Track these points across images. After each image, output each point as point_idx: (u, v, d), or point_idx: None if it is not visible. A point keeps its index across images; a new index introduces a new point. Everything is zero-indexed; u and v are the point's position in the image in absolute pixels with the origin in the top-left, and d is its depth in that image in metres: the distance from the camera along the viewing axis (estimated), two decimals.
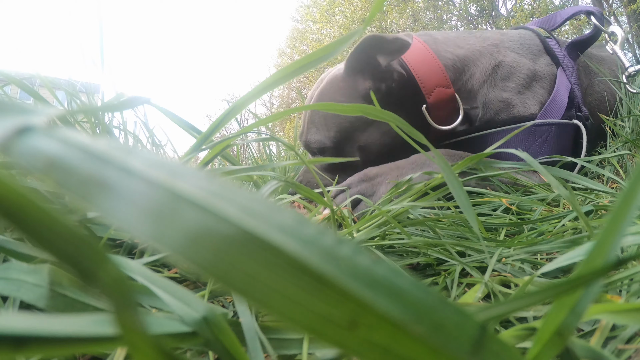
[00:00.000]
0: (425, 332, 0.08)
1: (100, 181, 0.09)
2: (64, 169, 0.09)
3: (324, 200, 0.36)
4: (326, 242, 0.08)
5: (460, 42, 0.81)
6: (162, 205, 0.08)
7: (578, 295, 0.13)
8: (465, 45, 0.81)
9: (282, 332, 0.20)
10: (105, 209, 0.08)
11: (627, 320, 0.16)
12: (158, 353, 0.09)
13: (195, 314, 0.16)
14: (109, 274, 0.08)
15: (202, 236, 0.08)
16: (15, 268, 0.17)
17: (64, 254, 0.08)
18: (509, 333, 0.19)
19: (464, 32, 0.87)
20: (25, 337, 0.09)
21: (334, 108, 0.29)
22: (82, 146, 0.09)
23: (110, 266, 0.08)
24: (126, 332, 0.09)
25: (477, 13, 9.26)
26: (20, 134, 0.10)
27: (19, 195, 0.08)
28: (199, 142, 0.34)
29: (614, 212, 0.12)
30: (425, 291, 0.08)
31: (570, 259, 0.27)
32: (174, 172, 0.09)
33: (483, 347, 0.09)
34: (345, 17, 10.24)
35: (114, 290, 0.08)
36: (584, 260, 0.12)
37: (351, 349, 0.09)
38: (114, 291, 0.08)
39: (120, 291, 0.08)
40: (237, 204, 0.09)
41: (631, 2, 6.15)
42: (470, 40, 0.82)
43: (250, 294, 0.08)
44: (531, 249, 0.35)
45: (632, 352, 0.20)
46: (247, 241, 0.08)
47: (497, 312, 0.11)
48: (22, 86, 0.45)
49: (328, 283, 0.08)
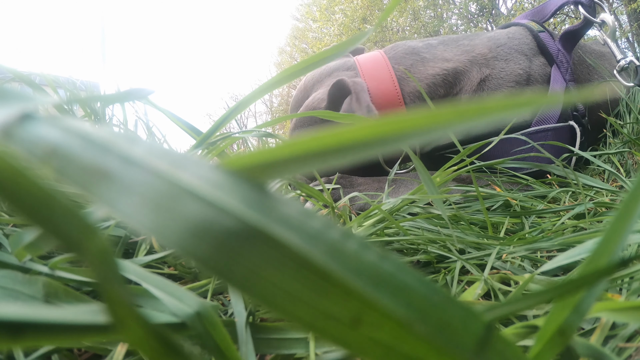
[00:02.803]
0: (430, 330, 0.08)
1: (100, 170, 0.08)
2: (65, 157, 0.09)
3: (324, 197, 0.36)
4: (331, 237, 0.08)
5: (447, 54, 0.80)
6: (162, 196, 0.08)
7: (580, 294, 0.13)
8: (454, 57, 0.80)
9: (282, 331, 0.20)
10: (105, 199, 0.08)
11: (627, 319, 0.16)
12: (148, 331, 0.09)
13: (187, 309, 0.16)
14: (94, 245, 0.08)
15: (203, 229, 0.08)
16: (11, 278, 0.17)
17: (50, 224, 0.08)
18: (509, 331, 0.19)
19: (450, 40, 0.85)
20: (23, 325, 0.09)
21: (331, 115, 0.31)
22: (84, 134, 0.09)
23: (95, 237, 0.08)
24: (111, 304, 0.08)
25: (477, 11, 9.25)
26: (21, 121, 0.09)
27: (6, 165, 0.08)
28: (201, 140, 0.34)
29: (620, 210, 0.11)
30: (431, 288, 0.08)
31: (570, 257, 0.27)
32: (176, 162, 0.09)
33: (488, 346, 0.08)
34: (345, 16, 10.22)
35: (99, 262, 0.08)
36: (588, 258, 0.12)
37: (354, 347, 0.08)
38: (99, 262, 0.08)
39: (106, 262, 0.08)
40: (239, 196, 0.08)
41: (631, 1, 6.15)
42: (457, 51, 0.81)
43: (251, 290, 0.08)
44: (531, 246, 0.35)
45: (632, 351, 0.20)
46: (249, 235, 0.08)
47: (503, 312, 0.11)
48: (28, 82, 0.44)
49: (332, 279, 0.08)
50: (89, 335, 0.11)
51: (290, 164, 0.09)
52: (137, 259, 0.29)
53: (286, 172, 0.09)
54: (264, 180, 0.09)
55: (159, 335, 0.09)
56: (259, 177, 0.09)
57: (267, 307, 0.08)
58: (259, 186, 0.09)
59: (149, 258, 0.29)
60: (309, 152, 0.09)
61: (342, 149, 0.08)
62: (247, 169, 0.09)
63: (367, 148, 0.08)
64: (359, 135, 0.08)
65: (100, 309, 0.11)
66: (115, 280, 0.08)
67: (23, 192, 0.08)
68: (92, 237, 0.08)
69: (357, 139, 0.08)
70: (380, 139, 0.08)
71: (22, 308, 0.10)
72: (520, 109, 0.08)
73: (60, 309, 0.11)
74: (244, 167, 0.09)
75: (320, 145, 0.09)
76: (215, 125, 0.32)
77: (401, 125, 0.08)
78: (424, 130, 0.08)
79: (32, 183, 0.08)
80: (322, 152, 0.09)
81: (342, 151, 0.08)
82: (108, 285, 0.08)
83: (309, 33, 12.20)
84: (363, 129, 0.08)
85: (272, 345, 0.20)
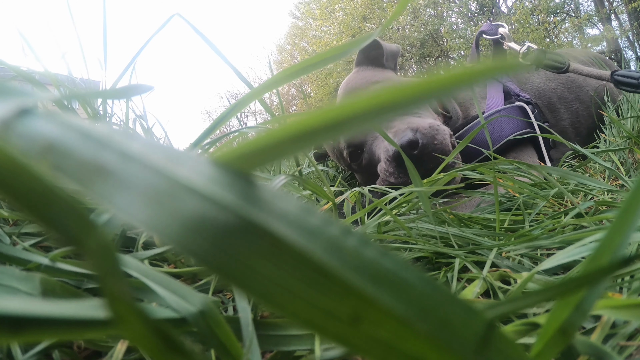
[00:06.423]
0: (431, 328, 0.08)
1: (98, 165, 0.08)
2: (62, 152, 0.08)
3: (327, 195, 0.36)
4: (331, 233, 0.08)
5: None
6: (159, 191, 0.08)
7: (582, 293, 0.12)
8: None
9: (283, 328, 0.20)
10: (102, 194, 0.08)
11: (628, 317, 0.16)
12: (148, 326, 0.09)
13: (190, 307, 0.15)
14: (94, 240, 0.08)
15: (200, 224, 0.08)
16: (8, 274, 0.17)
17: (51, 219, 0.08)
18: (509, 329, 0.19)
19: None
20: (23, 319, 0.09)
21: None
22: (81, 130, 0.09)
23: (96, 232, 0.08)
24: (111, 299, 0.08)
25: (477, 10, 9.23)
26: (19, 116, 0.09)
27: (6, 159, 0.08)
28: (201, 137, 0.34)
29: (622, 208, 0.11)
30: (432, 286, 0.08)
31: (571, 255, 0.27)
32: (174, 157, 0.09)
33: (489, 345, 0.08)
34: (345, 14, 10.20)
35: (100, 256, 0.08)
36: (590, 256, 0.12)
37: (354, 345, 0.08)
38: (100, 257, 0.08)
39: (106, 258, 0.08)
40: (237, 191, 0.08)
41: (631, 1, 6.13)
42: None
43: (249, 286, 0.08)
44: (531, 244, 0.35)
45: (633, 349, 0.20)
46: (247, 231, 0.08)
47: (505, 309, 0.10)
48: (28, 79, 0.44)
49: (331, 276, 0.08)
50: (88, 330, 0.11)
51: (285, 145, 0.09)
52: (137, 254, 0.29)
53: (283, 154, 0.09)
54: (258, 167, 0.09)
55: (159, 331, 0.09)
56: (253, 166, 0.09)
57: (265, 304, 0.08)
58: (257, 181, 0.09)
59: (149, 253, 0.28)
60: (297, 133, 0.08)
61: (335, 124, 0.08)
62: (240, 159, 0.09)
63: (359, 121, 0.08)
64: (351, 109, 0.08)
65: (100, 304, 0.11)
66: (115, 274, 0.08)
67: (23, 186, 0.08)
68: (93, 232, 0.08)
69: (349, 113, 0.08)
70: (368, 112, 0.08)
71: (22, 303, 0.10)
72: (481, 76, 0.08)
73: (60, 304, 0.11)
74: (236, 158, 0.09)
75: (306, 125, 0.08)
76: (214, 123, 0.32)
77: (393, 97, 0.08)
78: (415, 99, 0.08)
79: (32, 177, 0.08)
80: (310, 132, 0.08)
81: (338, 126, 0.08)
82: (108, 279, 0.08)
83: (308, 31, 12.17)
84: (354, 103, 0.08)
85: (273, 342, 0.20)
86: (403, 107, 0.08)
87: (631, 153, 0.73)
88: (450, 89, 0.08)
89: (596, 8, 7.37)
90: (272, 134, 0.09)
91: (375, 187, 0.47)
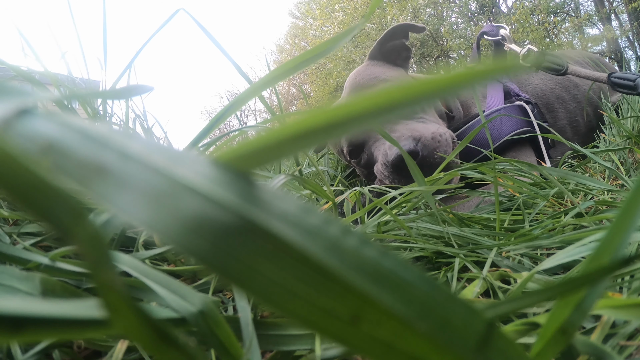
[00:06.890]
0: (431, 328, 0.08)
1: (98, 165, 0.08)
2: (62, 152, 0.08)
3: (327, 194, 0.36)
4: (331, 233, 0.08)
5: None
6: (159, 191, 0.08)
7: (582, 293, 0.12)
8: None
9: (283, 328, 0.20)
10: (102, 194, 0.08)
11: (628, 316, 0.16)
12: (141, 319, 0.09)
13: (190, 306, 0.15)
14: (85, 230, 0.08)
15: (200, 224, 0.08)
16: (8, 273, 0.17)
17: (42, 210, 0.08)
18: (509, 328, 0.19)
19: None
20: (23, 319, 0.09)
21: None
22: (81, 129, 0.09)
23: (86, 223, 0.08)
24: (102, 288, 0.08)
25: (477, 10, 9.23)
26: (19, 116, 0.09)
27: (2, 153, 0.08)
28: (199, 136, 0.34)
29: (622, 208, 0.11)
30: (432, 286, 0.08)
31: (571, 255, 0.27)
32: (174, 157, 0.09)
33: (489, 345, 0.08)
34: (346, 14, 10.20)
35: (90, 247, 0.08)
36: (590, 256, 0.12)
37: (353, 344, 0.08)
38: (90, 248, 0.08)
39: (96, 248, 0.08)
40: (236, 190, 0.08)
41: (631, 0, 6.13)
42: None
43: (249, 286, 0.08)
44: (532, 244, 0.35)
45: (633, 349, 0.20)
46: (247, 230, 0.08)
47: (505, 309, 0.10)
48: (29, 79, 0.44)
49: (331, 276, 0.08)
50: (88, 330, 0.11)
51: (285, 145, 0.09)
52: (137, 254, 0.29)
53: (284, 154, 0.09)
54: (258, 167, 0.09)
55: (153, 324, 0.09)
56: (253, 166, 0.09)
57: (265, 304, 0.08)
58: (257, 181, 0.09)
59: (149, 253, 0.28)
60: (297, 133, 0.08)
61: (335, 124, 0.08)
62: (240, 159, 0.09)
63: (360, 122, 0.08)
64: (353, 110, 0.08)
65: (98, 304, 0.11)
66: (106, 266, 0.08)
67: (16, 177, 0.08)
68: (82, 221, 0.08)
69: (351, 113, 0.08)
70: (369, 112, 0.08)
71: (22, 303, 0.10)
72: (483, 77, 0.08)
73: (59, 304, 0.11)
74: (236, 157, 0.09)
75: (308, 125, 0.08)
76: (213, 120, 0.32)
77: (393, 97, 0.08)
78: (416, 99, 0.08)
79: (26, 169, 0.08)
80: (310, 132, 0.08)
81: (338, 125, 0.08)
82: (99, 271, 0.08)
83: (308, 31, 12.17)
84: (355, 103, 0.08)
85: (273, 342, 0.20)
86: (405, 107, 0.08)
87: (631, 153, 0.73)
88: (453, 89, 0.08)
89: (596, 8, 7.37)
90: (272, 133, 0.09)
91: (375, 187, 0.47)
